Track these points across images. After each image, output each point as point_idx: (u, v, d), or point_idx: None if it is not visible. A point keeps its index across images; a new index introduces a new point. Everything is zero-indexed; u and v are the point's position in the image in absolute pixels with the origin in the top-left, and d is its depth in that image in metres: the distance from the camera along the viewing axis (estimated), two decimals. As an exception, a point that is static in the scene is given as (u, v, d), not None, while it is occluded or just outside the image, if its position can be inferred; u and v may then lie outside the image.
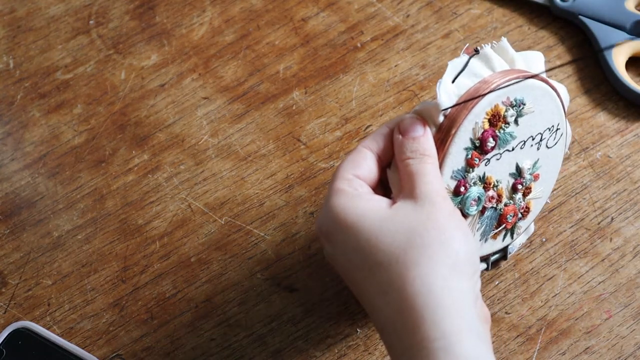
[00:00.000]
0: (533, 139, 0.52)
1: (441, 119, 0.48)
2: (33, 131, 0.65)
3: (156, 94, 0.66)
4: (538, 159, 0.53)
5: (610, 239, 0.58)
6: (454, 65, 0.49)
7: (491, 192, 0.51)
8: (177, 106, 0.65)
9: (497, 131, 0.50)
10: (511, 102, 0.50)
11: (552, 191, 0.60)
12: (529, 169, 0.53)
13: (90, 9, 0.70)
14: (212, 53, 0.68)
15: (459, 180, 0.49)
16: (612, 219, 0.59)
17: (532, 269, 0.57)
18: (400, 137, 0.47)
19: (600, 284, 0.57)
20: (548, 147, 0.54)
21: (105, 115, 0.65)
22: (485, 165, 0.50)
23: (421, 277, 0.42)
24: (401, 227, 0.44)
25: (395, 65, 0.66)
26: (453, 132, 0.48)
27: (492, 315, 0.56)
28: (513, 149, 0.51)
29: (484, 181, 0.51)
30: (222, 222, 0.60)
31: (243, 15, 0.69)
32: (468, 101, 0.48)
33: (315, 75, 0.66)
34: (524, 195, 0.53)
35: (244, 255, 0.59)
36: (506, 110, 0.49)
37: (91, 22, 0.70)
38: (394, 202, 0.46)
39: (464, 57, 0.49)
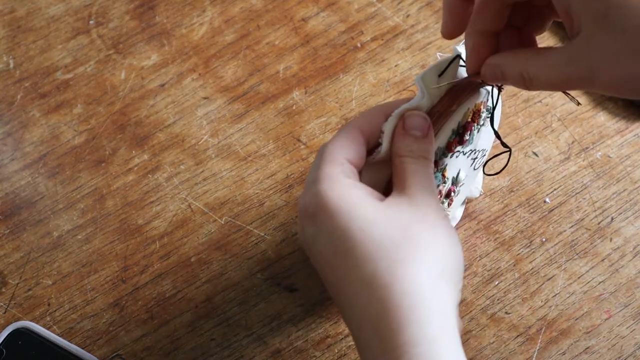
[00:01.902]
0: (474, 153, 0.52)
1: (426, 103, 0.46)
2: (33, 131, 0.65)
3: (156, 94, 0.66)
4: (467, 176, 0.53)
5: (610, 239, 0.58)
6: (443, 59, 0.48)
7: (441, 187, 0.50)
8: (177, 106, 0.65)
9: (473, 127, 0.49)
10: (487, 106, 0.49)
11: (552, 191, 0.60)
12: (462, 180, 0.52)
13: (90, 9, 0.70)
14: (212, 53, 0.68)
15: (435, 160, 0.48)
16: (612, 219, 0.59)
17: (532, 269, 0.57)
18: (402, 131, 0.45)
19: (600, 284, 0.57)
20: (475, 169, 0.54)
21: (105, 115, 0.65)
22: (450, 157, 0.49)
23: (411, 276, 0.40)
24: (395, 222, 0.42)
25: (395, 65, 0.66)
26: (454, 108, 0.46)
27: (492, 315, 0.56)
28: (465, 154, 0.50)
29: (442, 172, 0.50)
30: (222, 222, 0.60)
31: (243, 15, 0.69)
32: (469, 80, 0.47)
33: (315, 75, 0.66)
34: (448, 205, 0.53)
35: (244, 255, 0.59)
36: (482, 112, 0.49)
37: (91, 22, 0.70)
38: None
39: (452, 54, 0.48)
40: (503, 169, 0.54)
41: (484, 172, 0.57)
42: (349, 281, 0.42)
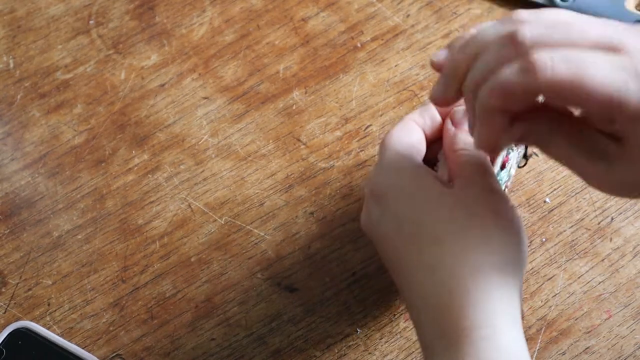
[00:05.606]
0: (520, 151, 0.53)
1: None
2: (33, 131, 0.65)
3: (156, 94, 0.66)
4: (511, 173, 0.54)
5: (610, 239, 0.58)
6: None
7: (508, 183, 0.52)
8: (177, 106, 0.65)
9: None
10: None
11: (552, 191, 0.60)
12: (512, 176, 0.53)
13: (90, 9, 0.70)
14: (212, 53, 0.68)
15: (505, 157, 0.49)
16: (612, 219, 0.59)
17: (532, 269, 0.57)
18: (453, 127, 0.46)
19: (600, 284, 0.57)
20: (517, 166, 0.54)
21: (105, 115, 0.65)
22: (511, 152, 0.51)
23: (477, 261, 0.41)
24: (461, 207, 0.42)
25: (395, 65, 0.66)
26: None
27: (492, 315, 0.56)
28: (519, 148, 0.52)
29: (508, 170, 0.51)
30: (222, 222, 0.60)
31: (243, 15, 0.69)
32: None
33: (315, 75, 0.66)
34: None
35: (244, 255, 0.59)
36: None
37: (91, 22, 0.70)
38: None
39: None
40: (527, 160, 0.54)
41: (518, 166, 0.58)
42: (413, 263, 0.42)
